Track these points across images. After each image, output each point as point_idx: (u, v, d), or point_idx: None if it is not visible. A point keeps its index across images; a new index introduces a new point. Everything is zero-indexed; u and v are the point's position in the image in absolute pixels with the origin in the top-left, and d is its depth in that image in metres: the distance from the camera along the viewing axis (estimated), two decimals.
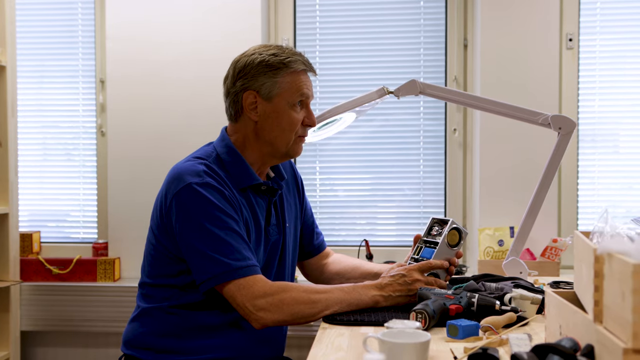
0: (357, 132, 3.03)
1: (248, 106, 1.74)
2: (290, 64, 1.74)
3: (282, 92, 1.73)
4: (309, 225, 2.02)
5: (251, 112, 1.74)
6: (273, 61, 1.73)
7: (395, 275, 1.72)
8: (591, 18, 2.88)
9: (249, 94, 1.74)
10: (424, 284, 1.71)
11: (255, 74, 1.73)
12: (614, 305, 1.00)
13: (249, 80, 1.73)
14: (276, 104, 1.74)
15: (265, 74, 1.73)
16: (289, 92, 1.74)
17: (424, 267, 1.75)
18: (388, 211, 3.05)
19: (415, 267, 1.74)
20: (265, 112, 1.74)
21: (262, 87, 1.73)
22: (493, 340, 1.38)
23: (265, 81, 1.73)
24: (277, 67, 1.73)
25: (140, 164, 2.92)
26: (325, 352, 1.37)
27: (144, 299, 1.76)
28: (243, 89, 1.74)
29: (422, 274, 1.74)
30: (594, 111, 2.90)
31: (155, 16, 2.91)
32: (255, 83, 1.73)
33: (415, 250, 1.86)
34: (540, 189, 2.08)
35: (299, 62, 1.75)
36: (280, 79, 1.73)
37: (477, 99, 2.12)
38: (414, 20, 3.00)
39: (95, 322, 2.88)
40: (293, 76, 1.74)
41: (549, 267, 2.53)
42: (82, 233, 3.13)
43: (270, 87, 1.73)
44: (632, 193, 2.91)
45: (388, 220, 3.05)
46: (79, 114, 3.12)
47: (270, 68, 1.73)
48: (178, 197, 1.63)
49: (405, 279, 1.70)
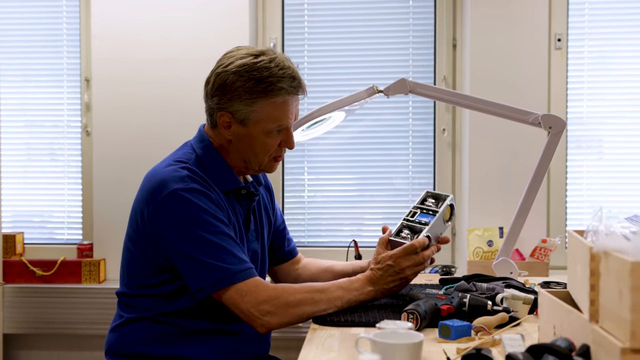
0: (346, 132, 3.01)
1: (222, 124, 1.66)
2: (272, 94, 1.60)
3: (259, 121, 1.62)
4: (280, 231, 1.97)
5: (225, 131, 1.66)
6: (254, 88, 1.59)
7: (383, 267, 1.67)
8: (580, 18, 2.88)
9: (224, 114, 1.64)
10: (413, 267, 1.67)
11: (231, 98, 1.61)
12: (611, 304, 0.99)
13: (225, 101, 1.62)
14: (251, 130, 1.64)
15: (242, 101, 1.61)
16: (265, 122, 1.63)
17: (409, 250, 1.67)
18: (377, 211, 3.03)
19: (400, 253, 1.66)
20: (239, 134, 1.65)
21: (237, 112, 1.62)
22: (486, 341, 1.37)
23: (242, 108, 1.61)
24: (256, 95, 1.60)
25: (126, 164, 2.87)
26: (315, 353, 1.34)
27: (126, 308, 1.70)
28: (218, 108, 1.64)
29: (408, 258, 1.67)
30: (582, 111, 2.90)
31: (142, 14, 2.88)
32: (231, 107, 1.62)
33: (409, 214, 1.80)
34: (530, 189, 2.07)
35: (283, 91, 1.61)
36: (257, 108, 1.61)
37: (467, 98, 2.10)
38: (403, 20, 2.99)
39: (79, 325, 2.84)
40: (273, 107, 1.62)
41: (538, 267, 2.53)
42: (67, 234, 3.08)
43: (246, 115, 1.62)
44: (620, 193, 2.91)
45: (376, 220, 3.03)
46: (63, 113, 3.07)
47: (249, 95, 1.60)
48: (163, 205, 1.57)
49: (394, 268, 1.66)
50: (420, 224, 1.77)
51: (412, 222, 1.78)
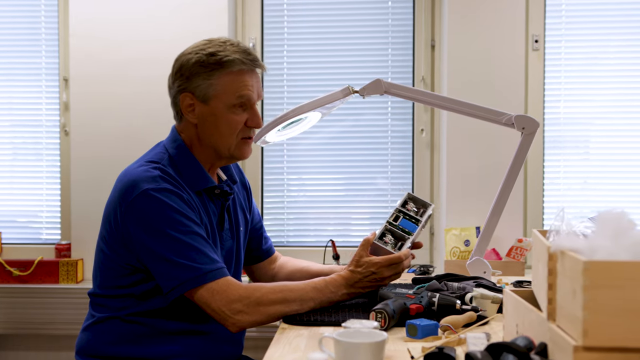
0: (326, 132, 3.02)
1: (185, 108, 1.67)
2: (227, 64, 1.63)
3: (218, 94, 1.64)
4: (257, 229, 1.97)
5: (189, 115, 1.68)
6: (208, 61, 1.63)
7: (364, 272, 1.66)
8: (557, 20, 2.90)
9: (185, 95, 1.66)
10: (393, 276, 1.68)
11: (190, 75, 1.64)
12: (566, 302, 1.00)
13: (184, 81, 1.65)
14: (213, 106, 1.65)
15: (199, 75, 1.64)
16: (225, 94, 1.64)
17: (394, 260, 1.67)
18: (356, 211, 3.04)
19: (385, 263, 1.67)
20: (202, 114, 1.67)
21: (197, 89, 1.64)
22: (451, 340, 1.38)
23: (200, 83, 1.64)
24: (212, 67, 1.63)
25: (104, 164, 2.86)
26: (282, 352, 1.35)
27: (98, 308, 1.70)
28: (180, 90, 1.67)
29: (391, 268, 1.67)
30: (559, 112, 2.92)
31: (120, 14, 2.87)
32: (191, 85, 1.65)
33: (392, 217, 1.81)
34: (504, 189, 2.08)
35: (238, 61, 1.64)
36: (215, 80, 1.64)
37: (441, 99, 2.12)
38: (382, 21, 3.00)
39: (57, 325, 2.83)
40: (230, 77, 1.64)
41: (514, 266, 2.54)
42: (45, 234, 3.07)
43: (206, 89, 1.64)
44: (597, 193, 2.94)
45: (356, 220, 3.04)
46: (42, 112, 3.06)
47: (205, 69, 1.63)
48: (134, 205, 1.57)
49: (375, 276, 1.66)
50: (403, 231, 1.79)
51: (395, 228, 1.79)
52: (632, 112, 2.91)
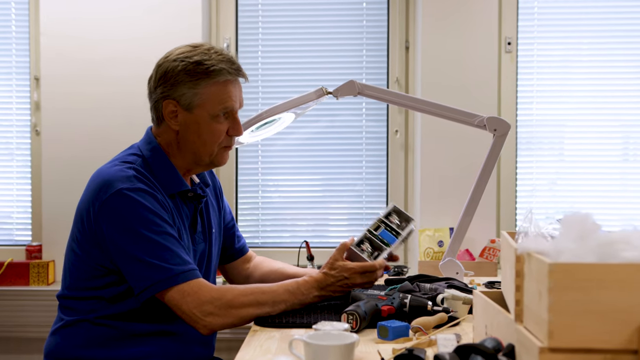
0: (300, 132, 3.02)
1: (168, 115, 1.66)
2: (213, 74, 1.63)
3: (203, 103, 1.64)
4: (229, 228, 1.96)
5: (171, 121, 1.67)
6: (195, 70, 1.62)
7: (337, 276, 1.67)
8: (529, 23, 2.93)
9: (169, 102, 1.65)
10: (365, 283, 1.69)
11: (175, 83, 1.63)
12: (533, 304, 1.01)
13: (168, 88, 1.64)
14: (197, 115, 1.64)
15: (185, 84, 1.63)
16: (210, 104, 1.64)
17: (368, 268, 1.69)
18: (331, 212, 3.05)
19: (359, 269, 1.68)
20: (185, 122, 1.66)
21: (182, 97, 1.63)
22: (422, 341, 1.38)
23: (185, 91, 1.63)
24: (198, 77, 1.62)
25: (76, 164, 2.83)
26: (252, 355, 1.34)
27: (67, 311, 1.68)
28: (163, 96, 1.65)
29: (364, 275, 1.69)
30: (532, 113, 2.95)
31: (92, 13, 2.84)
32: (175, 92, 1.64)
33: (373, 226, 1.82)
34: (476, 189, 2.10)
35: (224, 71, 1.64)
36: (201, 90, 1.63)
37: (413, 100, 2.12)
38: (356, 22, 3.01)
39: (27, 328, 2.79)
40: (216, 87, 1.64)
41: (487, 267, 2.56)
42: (16, 235, 3.02)
43: (191, 98, 1.63)
44: (569, 194, 2.97)
45: (331, 221, 3.05)
46: (12, 112, 3.01)
47: (191, 77, 1.62)
48: (108, 205, 1.56)
49: (347, 282, 1.67)
50: (382, 242, 1.79)
51: (374, 237, 1.80)
52: (603, 114, 2.95)
